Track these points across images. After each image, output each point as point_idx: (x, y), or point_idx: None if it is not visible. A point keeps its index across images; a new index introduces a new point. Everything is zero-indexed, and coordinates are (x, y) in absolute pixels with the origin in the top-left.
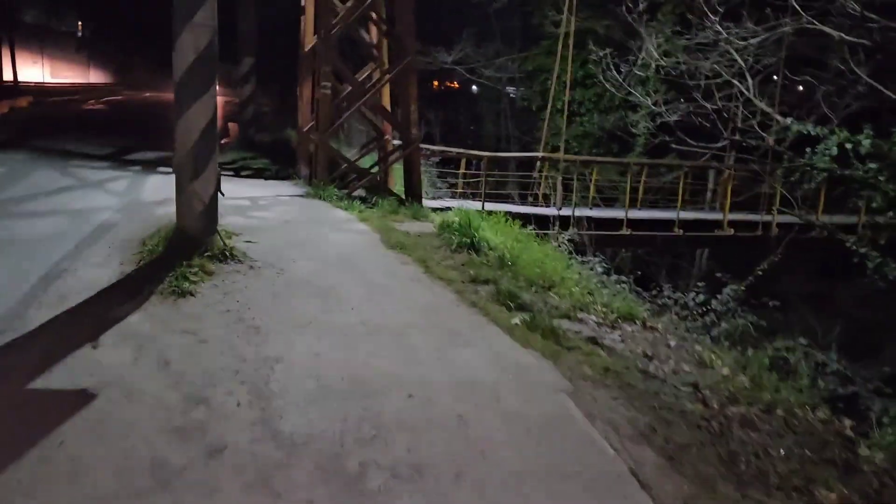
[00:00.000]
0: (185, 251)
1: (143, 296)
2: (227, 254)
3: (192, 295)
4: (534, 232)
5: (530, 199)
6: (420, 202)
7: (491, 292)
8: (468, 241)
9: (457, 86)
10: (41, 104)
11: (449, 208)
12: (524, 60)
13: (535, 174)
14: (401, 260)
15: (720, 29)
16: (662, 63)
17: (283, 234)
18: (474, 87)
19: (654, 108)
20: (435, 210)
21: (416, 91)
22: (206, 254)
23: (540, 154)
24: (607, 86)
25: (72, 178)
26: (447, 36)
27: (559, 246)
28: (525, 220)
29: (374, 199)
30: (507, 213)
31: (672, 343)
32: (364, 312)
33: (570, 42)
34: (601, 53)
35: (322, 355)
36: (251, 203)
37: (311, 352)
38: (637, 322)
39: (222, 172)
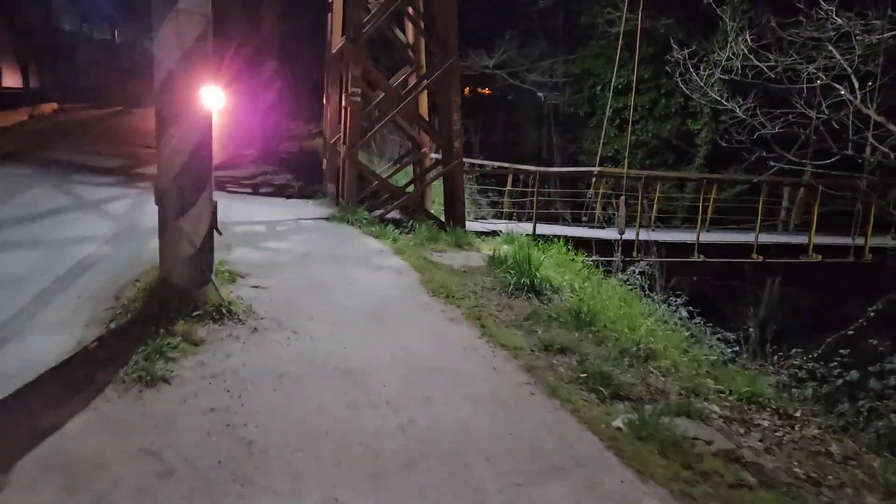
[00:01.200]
0: (169, 310)
1: (97, 386)
2: (224, 310)
3: (166, 382)
4: (592, 261)
5: (584, 218)
6: (463, 226)
7: (572, 368)
8: (527, 281)
9: (488, 92)
10: (66, 111)
11: (496, 233)
12: (570, 63)
13: (590, 191)
14: (448, 314)
15: (836, 19)
16: (748, 63)
17: (301, 273)
18: (507, 94)
19: (745, 117)
20: (479, 235)
21: (460, 98)
22: (196, 313)
23: (597, 169)
24: (684, 90)
25: (70, 196)
26: (487, 37)
27: (627, 280)
28: (582, 245)
29: (410, 222)
30: (562, 237)
31: (835, 451)
32: (404, 410)
33: (637, 42)
34: (677, 55)
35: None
36: (267, 229)
37: (327, 496)
38: (768, 408)
39: (239, 190)
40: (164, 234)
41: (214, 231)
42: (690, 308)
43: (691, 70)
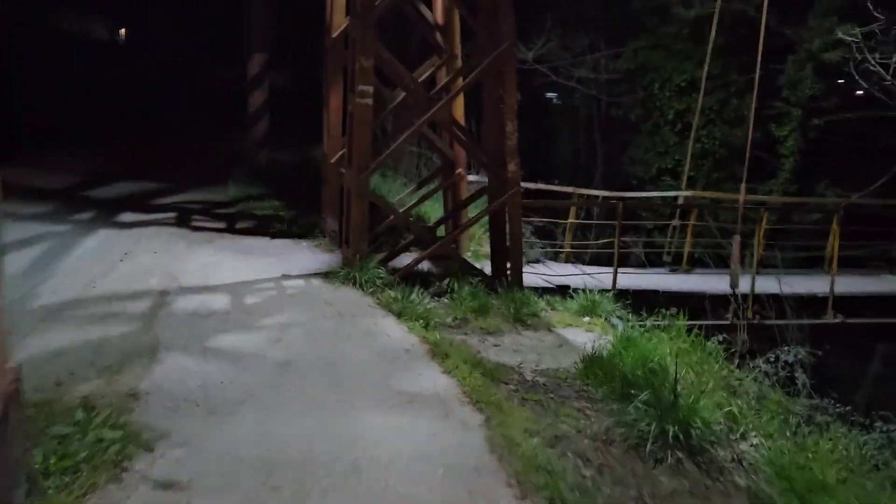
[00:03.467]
0: None
1: None
2: None
3: None
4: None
5: (666, 258)
6: (521, 285)
7: None
8: (674, 430)
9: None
10: None
11: (567, 288)
12: (620, 58)
13: (674, 222)
14: None
15: None
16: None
17: (268, 428)
18: (540, 93)
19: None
20: (539, 292)
21: (516, 99)
22: None
23: (684, 192)
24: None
25: None
26: (522, 26)
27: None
28: (678, 302)
29: (445, 282)
30: (653, 292)
31: None
32: None
33: (713, 26)
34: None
35: None
36: (231, 303)
37: None
38: None
39: (207, 224)
40: None
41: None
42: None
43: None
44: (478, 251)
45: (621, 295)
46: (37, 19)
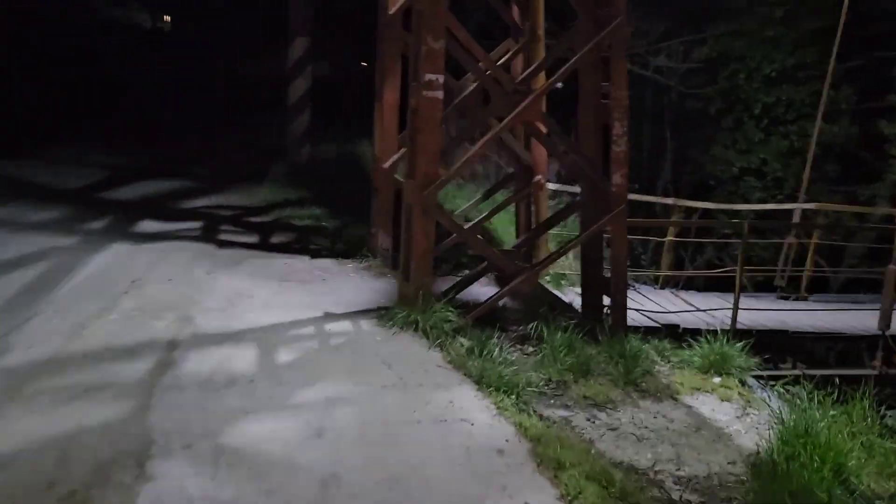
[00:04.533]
0: None
1: None
2: None
3: None
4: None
5: (779, 281)
6: (624, 328)
7: None
8: None
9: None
10: None
11: (676, 329)
12: (698, 45)
13: (790, 239)
14: None
15: None
16: None
17: None
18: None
19: None
20: (644, 335)
21: (627, 94)
22: None
23: (801, 205)
24: None
25: None
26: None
27: None
28: (814, 345)
29: (531, 326)
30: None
31: None
32: None
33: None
34: None
35: None
36: (257, 361)
37: None
38: None
39: (238, 239)
40: None
41: None
42: None
43: None
44: (554, 280)
45: (742, 334)
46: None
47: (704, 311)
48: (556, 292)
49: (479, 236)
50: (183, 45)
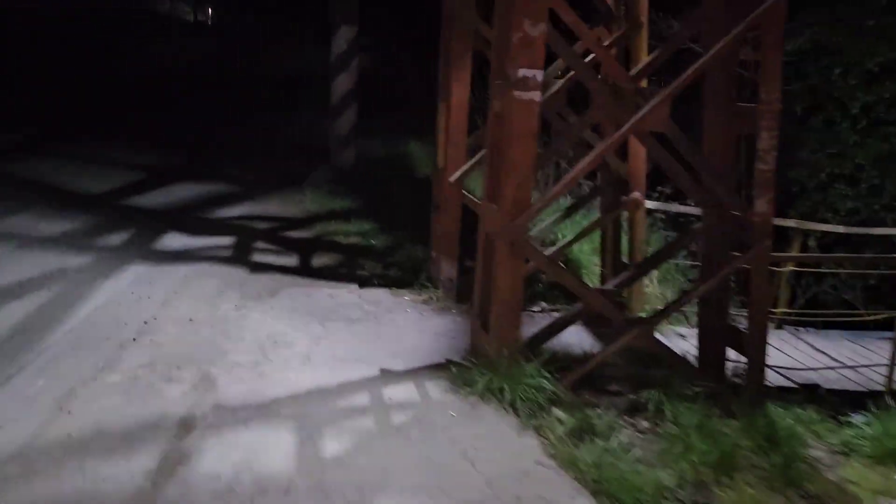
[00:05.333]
0: None
1: None
2: None
3: None
4: None
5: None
6: (764, 395)
7: None
8: None
9: None
10: None
11: (815, 389)
12: (789, 37)
13: None
14: None
15: None
16: None
17: None
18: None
19: None
20: (784, 406)
21: (779, 98)
22: None
23: None
24: None
25: None
26: None
27: None
28: None
29: (646, 393)
30: None
31: None
32: None
33: None
34: None
35: None
36: (296, 454)
37: None
38: None
39: (276, 261)
40: None
41: None
42: None
43: None
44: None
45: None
46: None
47: (850, 367)
48: (664, 340)
49: (573, 274)
50: (224, 38)
